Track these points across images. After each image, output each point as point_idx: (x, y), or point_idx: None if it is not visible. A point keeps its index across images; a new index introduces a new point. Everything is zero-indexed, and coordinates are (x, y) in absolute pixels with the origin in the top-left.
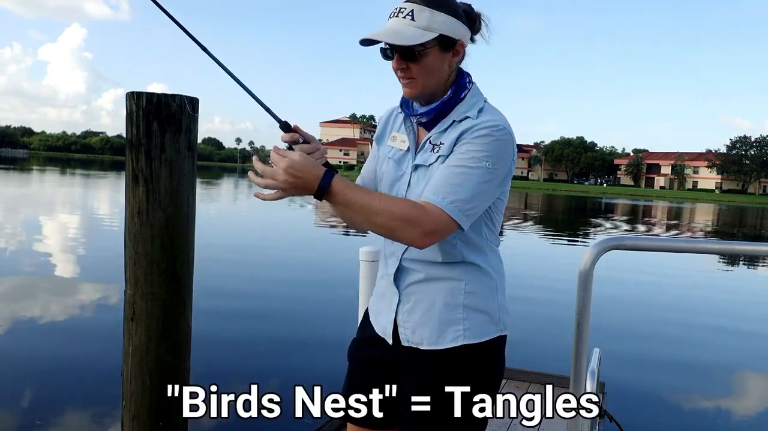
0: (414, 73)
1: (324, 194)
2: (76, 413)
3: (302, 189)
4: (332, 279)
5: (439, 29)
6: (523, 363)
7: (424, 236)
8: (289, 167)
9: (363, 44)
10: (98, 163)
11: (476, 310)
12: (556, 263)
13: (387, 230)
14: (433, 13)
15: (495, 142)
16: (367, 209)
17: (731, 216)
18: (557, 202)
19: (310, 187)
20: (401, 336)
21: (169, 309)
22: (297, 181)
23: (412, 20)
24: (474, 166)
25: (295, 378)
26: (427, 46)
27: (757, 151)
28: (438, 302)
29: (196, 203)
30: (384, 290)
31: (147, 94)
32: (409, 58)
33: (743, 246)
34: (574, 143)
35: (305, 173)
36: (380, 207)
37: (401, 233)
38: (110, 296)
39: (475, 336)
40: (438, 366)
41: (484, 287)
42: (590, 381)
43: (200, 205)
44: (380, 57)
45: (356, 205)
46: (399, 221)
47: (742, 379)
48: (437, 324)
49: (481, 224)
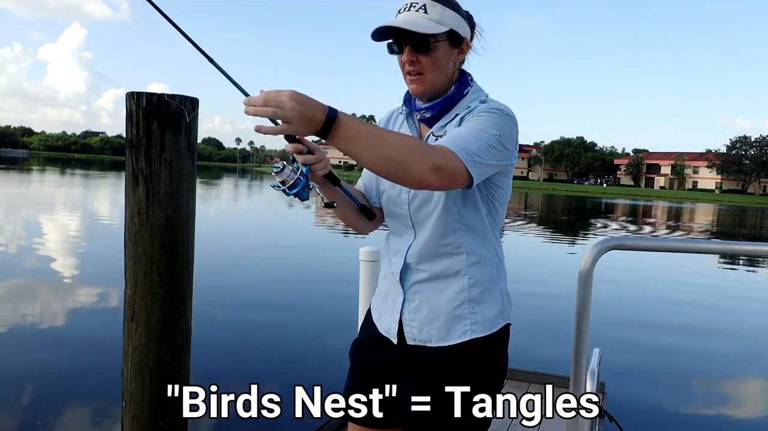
0: (423, 67)
1: (332, 126)
2: (76, 413)
3: (309, 121)
4: (332, 279)
5: (449, 24)
6: (523, 363)
7: (433, 170)
8: (295, 95)
9: (375, 38)
10: (98, 163)
11: (482, 303)
12: (556, 264)
13: (399, 162)
14: (444, 9)
15: (503, 118)
16: (379, 139)
17: (731, 216)
18: (557, 202)
19: (317, 119)
20: (407, 335)
21: (169, 309)
22: (304, 110)
23: (425, 13)
24: (484, 129)
25: (295, 378)
26: (439, 39)
27: (757, 151)
28: (443, 299)
29: (196, 203)
30: (388, 290)
31: (147, 95)
32: (421, 49)
33: (743, 246)
34: (574, 143)
35: (311, 102)
36: (392, 137)
37: (411, 165)
38: (110, 296)
39: (483, 329)
40: (445, 361)
41: (487, 278)
42: (590, 381)
43: (200, 205)
44: (382, 56)
45: (367, 135)
46: (412, 151)
47: (743, 379)
48: (445, 321)
49: (482, 209)
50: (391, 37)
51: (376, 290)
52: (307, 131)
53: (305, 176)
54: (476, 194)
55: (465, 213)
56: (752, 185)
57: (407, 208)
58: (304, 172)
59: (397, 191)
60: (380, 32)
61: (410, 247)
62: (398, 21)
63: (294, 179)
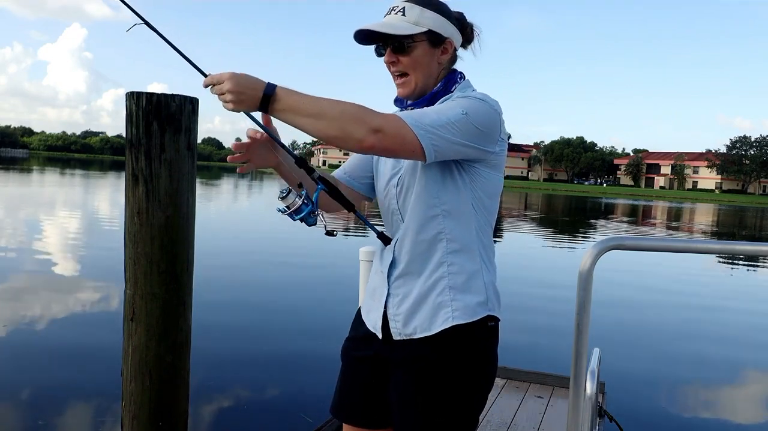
0: (405, 67)
1: (270, 100)
2: (77, 413)
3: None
4: (332, 279)
5: (427, 24)
6: (523, 363)
7: (372, 131)
8: (233, 76)
9: (358, 40)
10: (98, 163)
11: (463, 291)
12: (556, 264)
13: (338, 127)
14: (423, 10)
15: (476, 102)
16: (315, 107)
17: (731, 216)
18: (557, 202)
19: (256, 96)
20: (393, 331)
21: (169, 309)
22: (241, 89)
23: (403, 15)
24: (449, 108)
25: (294, 378)
26: (416, 39)
27: (757, 151)
28: (426, 291)
29: (195, 203)
30: (376, 286)
31: (147, 95)
32: (399, 50)
33: (743, 246)
34: (574, 143)
35: (249, 82)
36: (328, 103)
37: (349, 128)
38: (110, 296)
39: (464, 316)
40: (430, 355)
41: (470, 267)
42: (590, 381)
43: (200, 205)
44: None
45: (304, 105)
46: (349, 115)
47: (743, 380)
48: (427, 311)
49: (464, 196)
50: (378, 40)
51: (366, 287)
52: (248, 107)
53: (311, 201)
54: (456, 178)
55: (445, 198)
56: (752, 185)
57: (395, 202)
58: (310, 197)
59: (389, 186)
60: (361, 35)
61: (397, 240)
62: (375, 24)
63: (299, 204)
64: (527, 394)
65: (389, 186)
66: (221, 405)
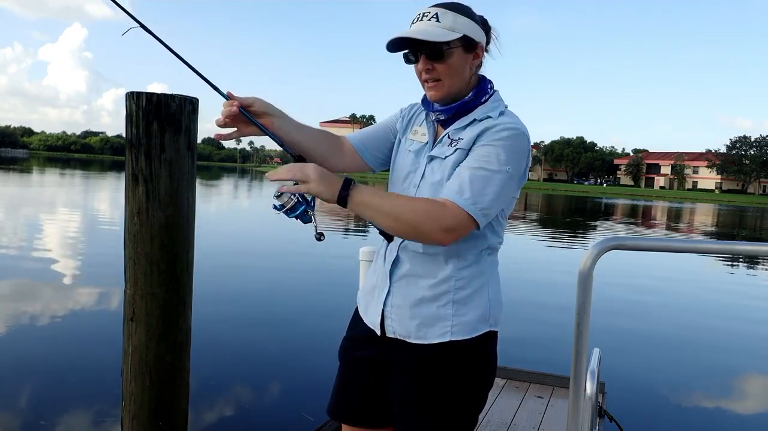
0: (440, 74)
1: (347, 197)
2: (77, 413)
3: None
4: (332, 279)
5: (462, 30)
6: (523, 363)
7: (443, 231)
8: (318, 168)
9: (390, 49)
10: (98, 163)
11: (466, 305)
12: (556, 264)
13: (411, 226)
14: (456, 15)
15: (516, 146)
16: (389, 207)
17: (731, 217)
18: (557, 202)
19: (336, 191)
20: (387, 328)
21: (169, 309)
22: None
23: (437, 21)
24: (496, 170)
25: (295, 377)
26: (452, 46)
27: (757, 151)
28: (427, 297)
29: (195, 203)
30: (376, 283)
31: (147, 95)
32: (435, 57)
33: (743, 246)
34: (574, 143)
35: (331, 176)
36: (401, 203)
37: (423, 228)
38: (110, 296)
39: (462, 333)
40: (424, 363)
41: (476, 282)
42: (590, 381)
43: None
44: (382, 58)
45: (379, 204)
46: (422, 215)
47: (743, 379)
48: (425, 319)
49: None
50: (406, 47)
51: (362, 286)
52: (327, 195)
53: (306, 200)
54: None
55: None
56: (752, 185)
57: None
58: (304, 196)
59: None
60: (395, 43)
61: (403, 241)
62: (411, 32)
63: (293, 202)
64: (527, 394)
65: (407, 183)
66: (221, 405)
